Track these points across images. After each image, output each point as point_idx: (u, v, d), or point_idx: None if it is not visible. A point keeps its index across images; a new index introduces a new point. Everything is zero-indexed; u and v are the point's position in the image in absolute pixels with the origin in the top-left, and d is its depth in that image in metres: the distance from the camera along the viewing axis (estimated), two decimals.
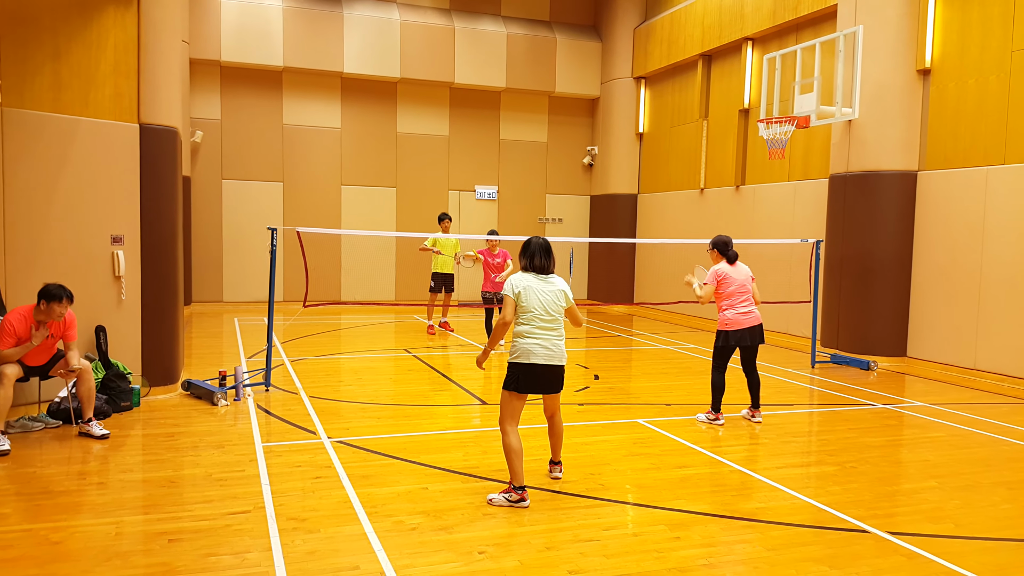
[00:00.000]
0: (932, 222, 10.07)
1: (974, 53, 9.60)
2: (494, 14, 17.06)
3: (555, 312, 4.88)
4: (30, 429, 6.25)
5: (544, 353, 4.83)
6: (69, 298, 6.01)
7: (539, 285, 4.88)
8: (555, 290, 4.91)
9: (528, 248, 4.97)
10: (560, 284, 4.96)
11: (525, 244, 5.01)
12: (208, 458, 5.63)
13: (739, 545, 4.27)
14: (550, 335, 4.87)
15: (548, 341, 4.85)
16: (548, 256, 4.96)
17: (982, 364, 9.40)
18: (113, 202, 7.27)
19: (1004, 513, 4.87)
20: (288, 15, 15.27)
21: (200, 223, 15.20)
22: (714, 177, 14.58)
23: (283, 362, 9.53)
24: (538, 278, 4.91)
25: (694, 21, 14.83)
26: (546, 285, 4.90)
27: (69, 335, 6.20)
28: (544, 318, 4.85)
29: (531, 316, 4.84)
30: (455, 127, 17.10)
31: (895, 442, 6.60)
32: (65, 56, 6.97)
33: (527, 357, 4.81)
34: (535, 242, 4.98)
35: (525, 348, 4.82)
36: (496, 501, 4.77)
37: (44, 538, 4.17)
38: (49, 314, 5.94)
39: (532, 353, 4.81)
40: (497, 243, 11.36)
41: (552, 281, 4.94)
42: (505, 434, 4.84)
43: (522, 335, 4.85)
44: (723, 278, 6.94)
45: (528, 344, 4.82)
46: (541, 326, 4.84)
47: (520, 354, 4.83)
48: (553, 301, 4.88)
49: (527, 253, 4.96)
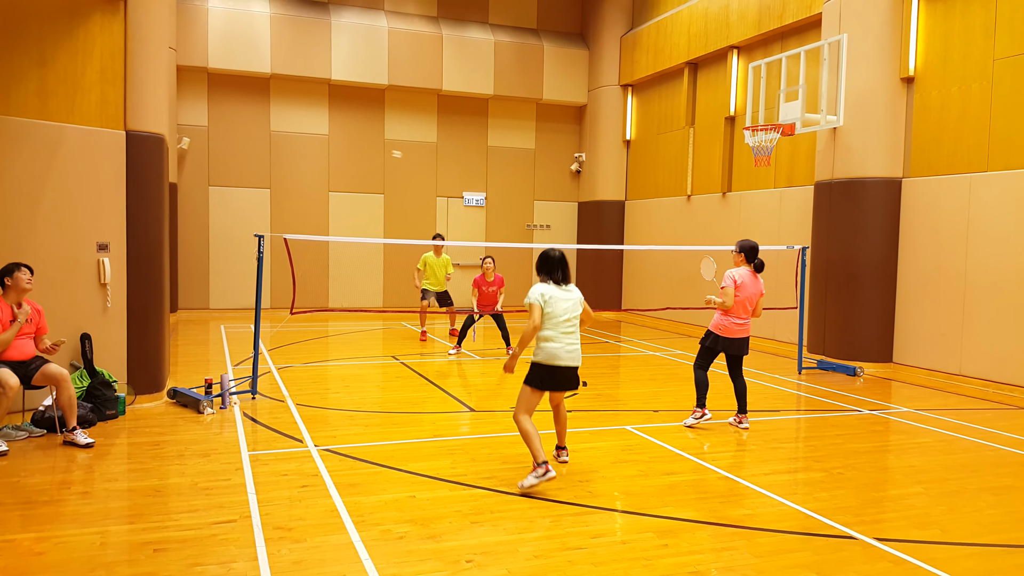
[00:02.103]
0: (917, 229, 10.16)
1: (957, 61, 9.71)
2: (482, 22, 17.11)
3: (574, 318, 5.34)
4: (13, 438, 6.18)
5: (567, 356, 5.29)
6: (16, 269, 6.12)
7: (561, 294, 5.32)
8: (574, 299, 5.38)
9: (549, 261, 5.38)
10: (577, 294, 5.44)
11: (545, 257, 5.40)
12: (194, 467, 5.59)
13: (727, 552, 4.28)
14: (571, 338, 5.32)
15: (570, 344, 5.31)
16: (567, 268, 5.40)
17: (967, 370, 9.47)
18: (99, 209, 7.22)
19: (989, 518, 4.91)
20: (275, 22, 15.25)
21: (187, 230, 15.12)
22: (701, 184, 14.65)
23: (270, 370, 9.48)
24: (559, 288, 5.34)
25: (680, 29, 14.93)
26: (567, 294, 5.34)
27: (43, 327, 6.36)
28: (566, 324, 5.29)
29: (556, 322, 5.27)
30: (443, 134, 17.11)
31: (881, 448, 6.64)
32: (51, 63, 6.93)
33: (553, 360, 5.26)
34: (555, 256, 5.39)
35: (551, 351, 5.26)
36: (527, 483, 5.11)
37: (27, 548, 4.12)
38: (18, 290, 6.08)
39: (558, 356, 5.26)
40: (493, 269, 11.15)
41: (571, 290, 5.40)
42: (520, 422, 5.28)
43: (548, 339, 5.28)
44: (740, 284, 6.85)
45: (553, 348, 5.26)
46: (564, 331, 5.28)
47: (545, 356, 5.27)
48: (573, 309, 5.34)
49: (548, 266, 5.37)
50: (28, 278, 6.13)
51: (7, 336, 5.97)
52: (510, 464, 5.85)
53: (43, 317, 6.38)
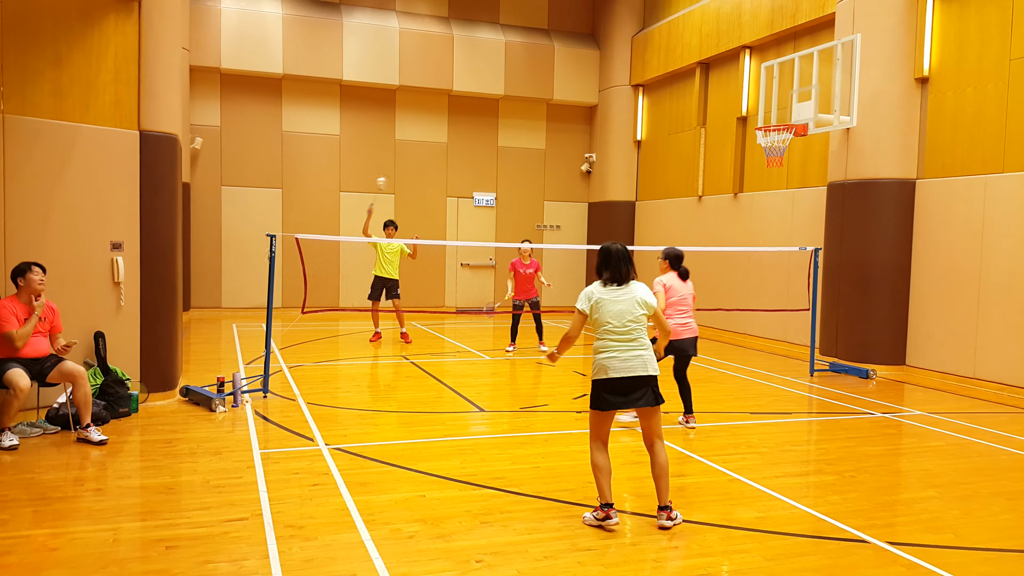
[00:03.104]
0: (931, 230, 10.08)
1: (972, 61, 9.64)
2: (492, 22, 17.11)
3: (632, 323, 4.61)
4: (28, 435, 6.24)
5: (621, 367, 4.56)
6: (29, 268, 6.19)
7: (611, 296, 4.64)
8: (630, 299, 4.63)
9: (606, 259, 4.72)
10: (637, 291, 4.67)
11: (604, 253, 4.74)
12: (206, 465, 5.62)
13: (737, 555, 4.26)
14: (627, 347, 4.59)
15: (625, 353, 4.58)
16: (626, 265, 4.69)
17: (981, 373, 9.40)
18: (113, 208, 7.27)
19: (1004, 523, 4.87)
20: (287, 23, 15.31)
21: (199, 229, 15.20)
22: (712, 185, 14.60)
23: (281, 368, 9.52)
24: (610, 289, 4.66)
25: (692, 29, 14.88)
26: (620, 294, 4.64)
27: (57, 325, 6.42)
28: (619, 331, 4.60)
29: (605, 330, 4.62)
30: (453, 134, 17.13)
31: (894, 451, 6.60)
32: (66, 63, 6.98)
33: (604, 373, 4.59)
34: (613, 251, 4.72)
35: (601, 364, 4.61)
36: (587, 520, 4.63)
37: (42, 544, 4.15)
38: (30, 290, 6.14)
39: (608, 368, 4.58)
40: (530, 252, 11.39)
41: (628, 289, 4.66)
42: (591, 452, 4.69)
43: (598, 351, 4.66)
44: (669, 288, 7.12)
45: (603, 359, 4.61)
46: (616, 339, 4.60)
47: (597, 371, 4.63)
48: (628, 311, 4.61)
49: (605, 264, 4.71)
50: (40, 278, 6.19)
51: (27, 329, 6.04)
52: (520, 464, 5.85)
53: (58, 316, 6.44)
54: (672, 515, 4.65)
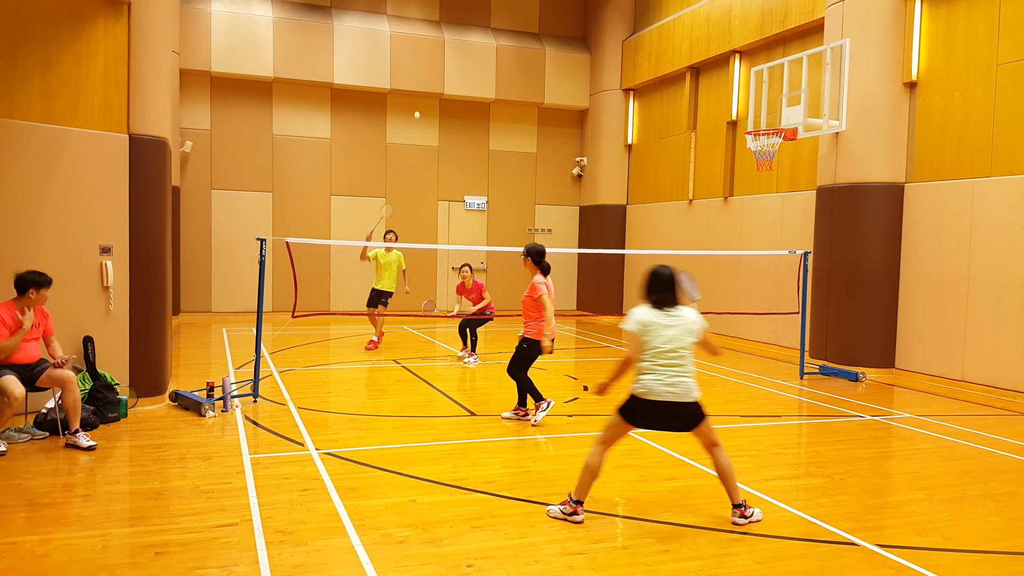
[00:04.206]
0: (919, 234, 10.15)
1: (960, 66, 9.71)
2: (483, 26, 17.14)
3: (682, 349, 4.62)
4: (16, 440, 6.19)
5: (665, 391, 4.56)
6: (48, 284, 6.23)
7: (665, 320, 4.63)
8: (682, 326, 4.64)
9: (656, 283, 4.70)
10: (687, 318, 4.68)
11: (652, 276, 4.72)
12: (195, 470, 5.59)
13: (728, 558, 4.27)
14: (674, 371, 4.60)
15: (671, 377, 4.59)
16: (673, 289, 4.70)
17: (970, 375, 9.46)
18: (102, 212, 7.23)
19: (992, 525, 4.90)
20: (278, 26, 15.28)
21: (189, 233, 15.14)
22: (702, 188, 14.65)
23: (271, 373, 9.48)
24: (661, 313, 4.66)
25: (682, 34, 14.94)
26: (671, 319, 4.64)
27: (49, 328, 6.40)
28: (669, 354, 4.60)
29: (653, 352, 4.60)
30: (445, 138, 17.13)
31: (884, 454, 6.63)
32: (55, 66, 6.94)
33: (648, 394, 4.59)
34: (664, 275, 4.71)
35: (646, 384, 4.61)
36: (552, 512, 4.78)
37: (29, 551, 4.12)
38: (29, 302, 6.12)
39: (652, 391, 4.57)
40: (471, 275, 11.35)
41: (679, 315, 4.67)
42: (592, 450, 4.77)
43: (643, 371, 4.63)
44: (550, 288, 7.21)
45: (648, 380, 4.60)
46: (663, 363, 4.59)
47: (639, 389, 4.63)
48: (679, 337, 4.62)
49: (654, 288, 4.70)
50: (46, 297, 6.25)
51: (10, 344, 5.98)
52: (511, 469, 5.84)
53: (49, 320, 6.41)
54: (747, 512, 4.74)
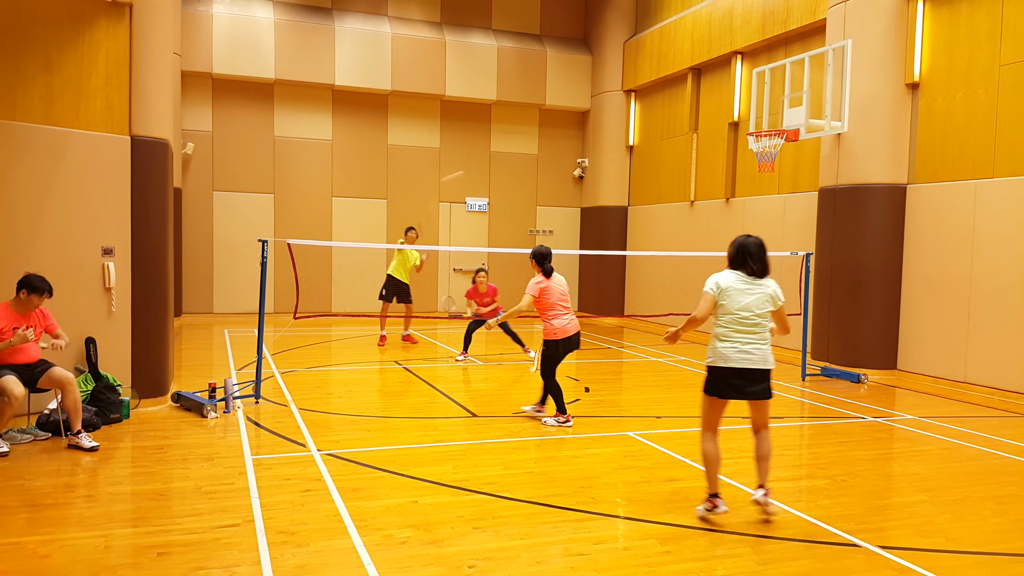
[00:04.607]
0: (922, 235, 10.14)
1: (962, 67, 9.71)
2: (485, 27, 17.15)
3: (758, 316, 4.62)
4: (18, 441, 6.20)
5: (740, 357, 4.59)
6: (50, 292, 6.17)
7: (745, 287, 4.64)
8: (763, 293, 4.64)
9: (741, 249, 4.69)
10: (770, 287, 4.68)
11: (739, 245, 4.71)
12: (197, 471, 5.59)
13: (730, 559, 4.27)
14: (750, 338, 4.62)
15: (746, 345, 4.61)
16: (760, 259, 4.67)
17: (972, 377, 9.45)
18: (104, 214, 7.24)
19: (994, 527, 4.89)
20: (280, 28, 15.30)
21: (191, 235, 15.16)
22: (704, 190, 14.65)
23: (273, 374, 9.49)
24: (745, 279, 4.65)
25: (684, 35, 14.94)
26: (753, 287, 4.64)
27: (52, 326, 6.36)
28: (745, 321, 4.61)
29: (730, 319, 4.61)
30: (446, 139, 17.14)
31: (885, 455, 6.62)
32: (57, 68, 6.96)
33: (723, 361, 4.62)
34: (749, 243, 4.69)
35: (721, 352, 4.63)
36: (699, 512, 4.81)
37: (32, 552, 4.13)
38: (27, 305, 6.08)
39: (727, 357, 4.61)
40: (485, 280, 11.25)
41: (762, 283, 4.66)
42: (702, 440, 4.83)
43: (719, 337, 4.66)
44: (544, 288, 7.25)
45: (724, 348, 4.63)
46: (739, 329, 4.61)
47: (715, 358, 4.66)
48: (758, 304, 4.62)
49: (740, 254, 4.68)
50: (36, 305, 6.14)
51: None
52: (512, 469, 5.84)
53: (49, 317, 6.36)
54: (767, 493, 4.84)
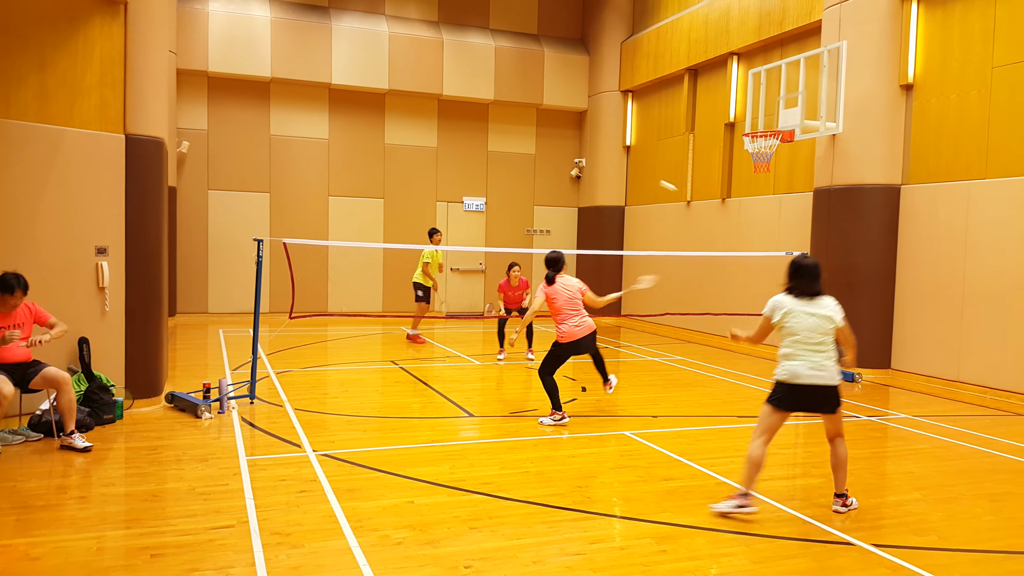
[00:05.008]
0: (915, 235, 10.16)
1: (956, 69, 9.73)
2: (482, 27, 17.14)
3: (823, 335, 4.81)
4: (10, 442, 6.17)
5: (812, 374, 4.80)
6: (24, 288, 6.01)
7: (803, 308, 4.84)
8: (822, 314, 4.84)
9: (799, 272, 4.91)
10: (829, 307, 4.87)
11: (795, 266, 4.94)
12: (192, 472, 5.58)
13: (725, 558, 4.27)
14: (818, 356, 4.81)
15: (816, 362, 4.80)
16: (817, 280, 4.87)
17: (965, 376, 9.47)
18: (98, 213, 7.22)
19: (987, 525, 4.91)
20: (276, 26, 15.27)
21: (186, 234, 15.12)
22: (700, 190, 14.67)
23: (268, 374, 9.47)
24: (802, 301, 4.87)
25: (680, 36, 14.96)
26: (812, 308, 4.84)
27: (43, 317, 6.25)
28: (810, 340, 4.81)
29: (795, 340, 4.82)
30: (443, 139, 17.13)
31: (879, 454, 6.64)
32: (51, 66, 6.93)
33: (794, 378, 4.81)
34: (806, 266, 4.90)
35: (792, 369, 4.82)
36: (722, 509, 4.88)
37: (24, 553, 4.11)
38: (4, 305, 5.99)
39: (799, 375, 4.80)
40: (518, 274, 11.32)
41: (820, 304, 4.86)
42: (752, 442, 4.93)
43: (788, 356, 4.85)
44: (548, 294, 7.32)
45: (795, 366, 4.82)
46: (807, 348, 4.81)
47: (786, 374, 4.85)
48: (820, 326, 4.82)
49: (798, 278, 4.91)
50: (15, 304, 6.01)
51: None
52: (509, 469, 5.84)
53: (38, 311, 6.25)
54: (847, 502, 5.01)
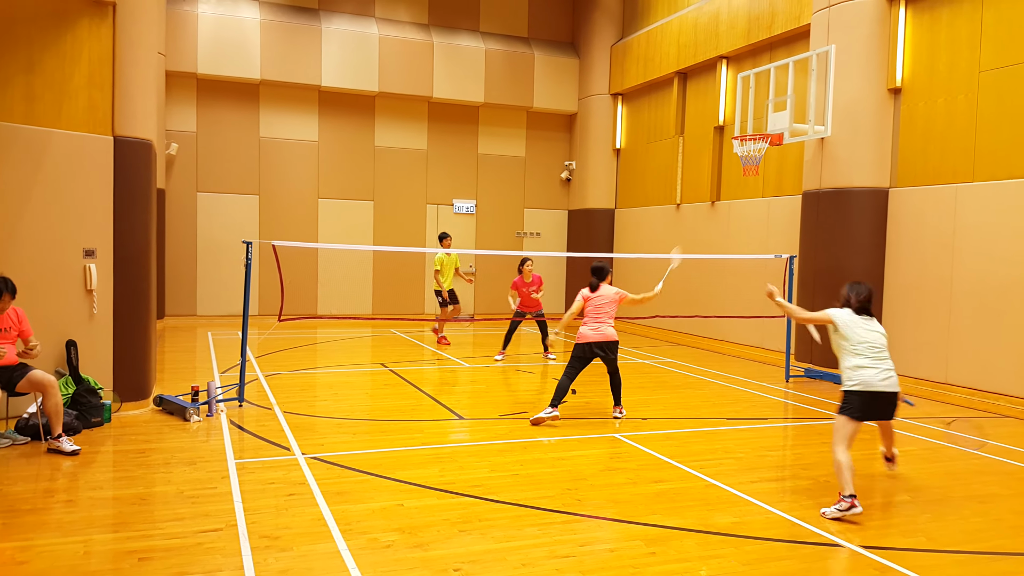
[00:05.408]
0: (903, 238, 10.23)
1: (943, 73, 9.81)
2: (472, 30, 17.16)
3: (881, 346, 5.34)
4: None
5: (882, 383, 5.20)
6: (11, 292, 5.95)
7: (863, 323, 5.38)
8: (878, 332, 5.39)
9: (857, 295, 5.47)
10: (880, 327, 5.45)
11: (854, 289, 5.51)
12: (180, 475, 5.55)
13: (714, 560, 4.28)
14: (885, 364, 5.27)
15: (884, 370, 5.24)
16: (871, 301, 5.49)
17: (953, 378, 9.54)
18: (86, 215, 7.18)
19: (975, 526, 4.94)
20: (265, 28, 15.23)
21: (174, 236, 15.04)
22: (690, 193, 14.72)
23: (257, 377, 9.43)
24: (860, 317, 5.41)
25: (670, 39, 15.02)
26: (870, 324, 5.40)
27: (25, 331, 6.19)
28: (875, 349, 5.28)
29: (865, 347, 5.28)
30: (433, 141, 17.13)
31: (868, 456, 6.67)
32: (39, 67, 6.89)
33: (868, 386, 5.20)
34: (861, 288, 5.50)
35: (865, 378, 5.21)
36: (829, 514, 4.97)
37: (10, 557, 4.08)
38: None
39: (871, 383, 5.19)
40: (531, 269, 11.46)
41: (874, 323, 5.43)
42: (834, 453, 5.16)
43: (860, 367, 5.25)
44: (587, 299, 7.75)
45: (868, 374, 5.21)
46: (875, 356, 5.26)
47: (860, 383, 5.21)
48: (878, 340, 5.35)
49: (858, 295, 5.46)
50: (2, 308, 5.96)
51: None
52: (498, 472, 5.84)
53: (25, 321, 6.25)
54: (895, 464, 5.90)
